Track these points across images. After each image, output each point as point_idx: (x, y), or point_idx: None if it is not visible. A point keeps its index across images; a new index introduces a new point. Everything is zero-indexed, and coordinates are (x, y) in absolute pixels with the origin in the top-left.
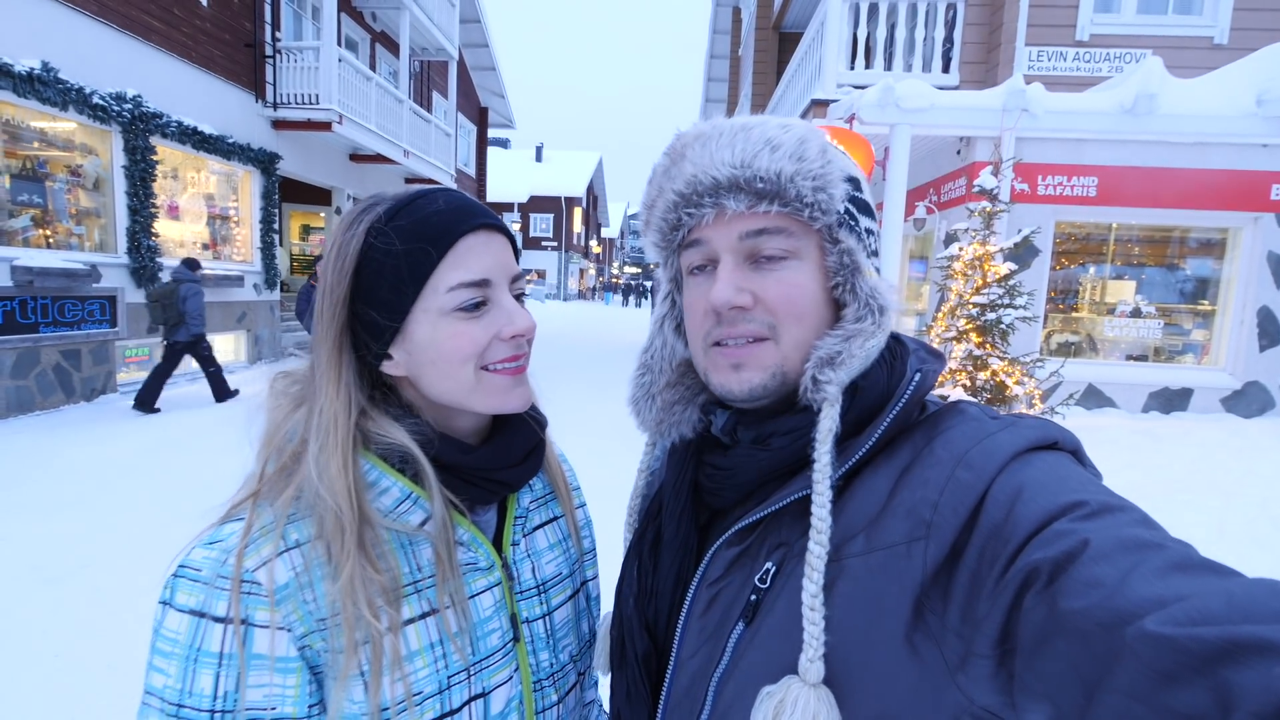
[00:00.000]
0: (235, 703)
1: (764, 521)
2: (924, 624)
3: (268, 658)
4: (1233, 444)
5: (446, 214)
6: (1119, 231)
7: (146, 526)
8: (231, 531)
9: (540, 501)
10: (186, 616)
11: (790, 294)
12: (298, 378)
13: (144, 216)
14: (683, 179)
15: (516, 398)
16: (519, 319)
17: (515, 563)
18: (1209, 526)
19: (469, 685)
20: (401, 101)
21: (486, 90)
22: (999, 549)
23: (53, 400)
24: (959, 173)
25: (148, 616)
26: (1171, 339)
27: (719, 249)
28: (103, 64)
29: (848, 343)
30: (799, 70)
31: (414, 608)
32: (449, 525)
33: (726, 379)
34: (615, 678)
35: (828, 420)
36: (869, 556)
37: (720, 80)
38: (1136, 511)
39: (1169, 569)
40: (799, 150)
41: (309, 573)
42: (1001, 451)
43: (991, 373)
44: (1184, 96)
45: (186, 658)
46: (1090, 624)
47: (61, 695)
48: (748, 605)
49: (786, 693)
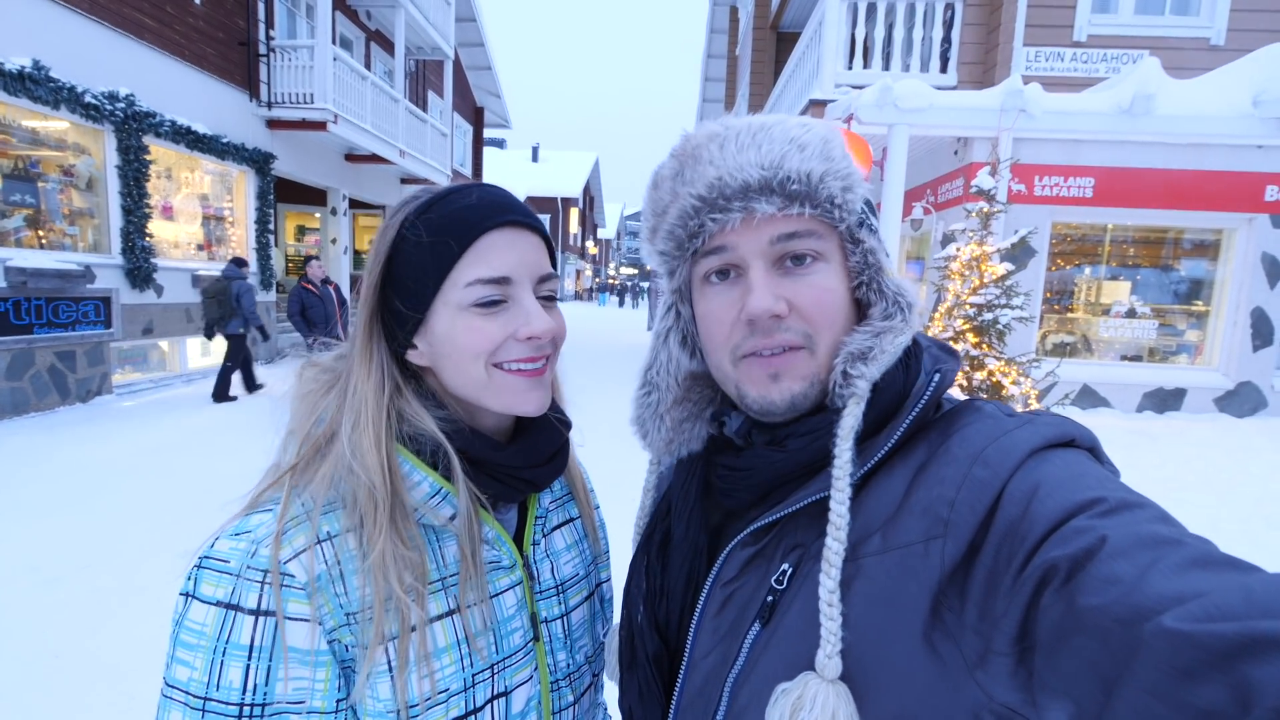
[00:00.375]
0: (265, 696)
1: (780, 522)
2: (942, 622)
3: (300, 651)
4: (1226, 443)
5: (475, 209)
6: (1115, 232)
7: (143, 527)
8: (260, 522)
9: (559, 502)
10: (214, 608)
11: (823, 299)
12: (326, 367)
13: (138, 217)
14: (703, 182)
15: (530, 401)
16: (537, 321)
17: (536, 562)
18: (1203, 525)
19: (491, 684)
20: (397, 101)
21: (482, 90)
22: (1016, 546)
23: (48, 401)
24: (956, 173)
25: (146, 616)
26: (1166, 339)
27: (747, 255)
28: (95, 62)
29: (879, 339)
30: (797, 70)
31: (440, 605)
32: (475, 519)
33: (766, 390)
34: (625, 678)
35: (851, 417)
36: (886, 556)
37: (717, 80)
38: (1155, 508)
39: (1187, 565)
40: (825, 150)
41: (340, 565)
42: (1018, 449)
43: (988, 373)
44: (1181, 97)
45: (214, 650)
46: (1109, 621)
47: (61, 695)
48: (764, 606)
49: (804, 689)
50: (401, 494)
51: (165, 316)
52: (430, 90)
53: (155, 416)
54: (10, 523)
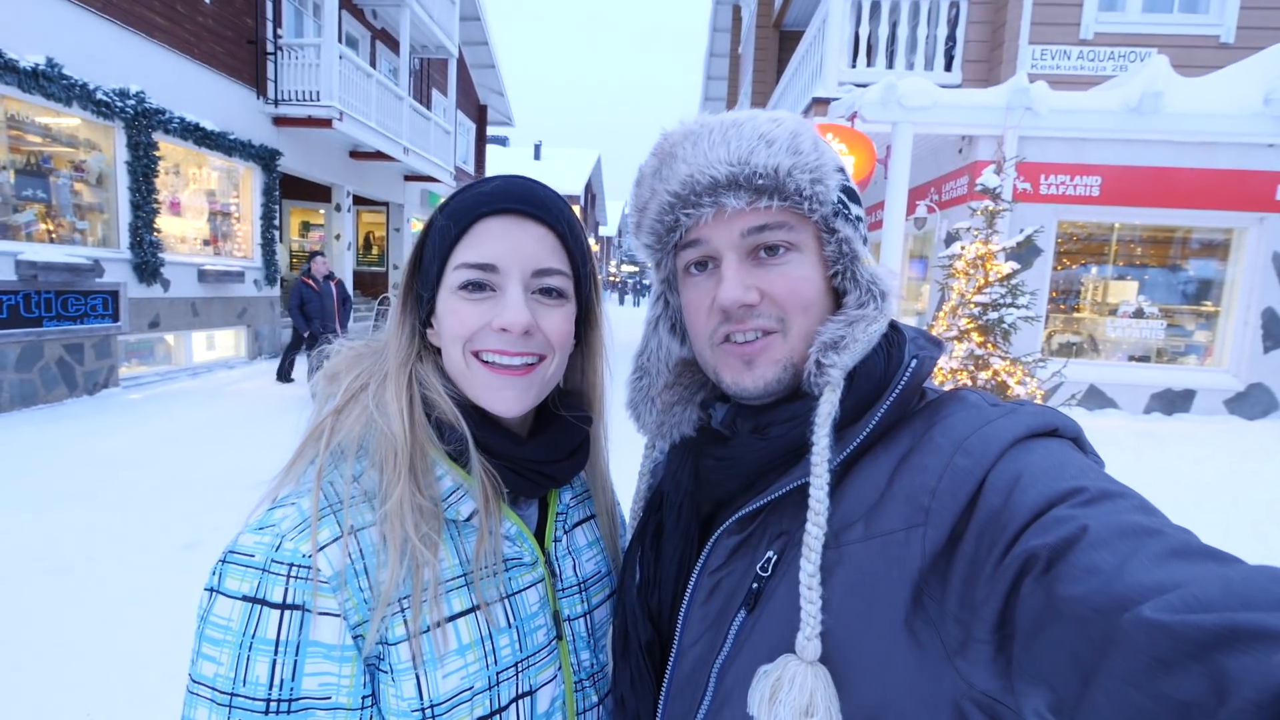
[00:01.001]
0: (292, 691)
1: (765, 510)
2: (923, 610)
3: (325, 645)
4: (1237, 446)
5: (482, 195)
6: (1122, 231)
7: (149, 519)
8: (284, 516)
9: (579, 499)
10: (239, 603)
11: (796, 287)
12: (359, 349)
13: (146, 212)
14: (677, 179)
15: (502, 400)
16: (509, 312)
17: (558, 559)
18: (1214, 529)
19: (516, 682)
20: (401, 99)
21: (486, 88)
22: (997, 535)
23: (56, 393)
24: (961, 171)
25: (153, 605)
26: (1174, 340)
27: (720, 247)
28: (106, 60)
29: (851, 327)
30: (800, 68)
31: (463, 601)
32: (494, 505)
33: (740, 376)
34: (619, 666)
35: (827, 404)
36: (868, 543)
37: (720, 79)
38: (1136, 498)
39: (1167, 555)
40: (793, 144)
41: (364, 559)
42: (1000, 438)
43: (993, 372)
44: (1190, 95)
45: (240, 645)
46: (1087, 610)
47: (67, 685)
48: (749, 593)
49: (784, 670)
50: (423, 444)
51: (172, 310)
52: (434, 88)
53: (162, 409)
54: (19, 513)
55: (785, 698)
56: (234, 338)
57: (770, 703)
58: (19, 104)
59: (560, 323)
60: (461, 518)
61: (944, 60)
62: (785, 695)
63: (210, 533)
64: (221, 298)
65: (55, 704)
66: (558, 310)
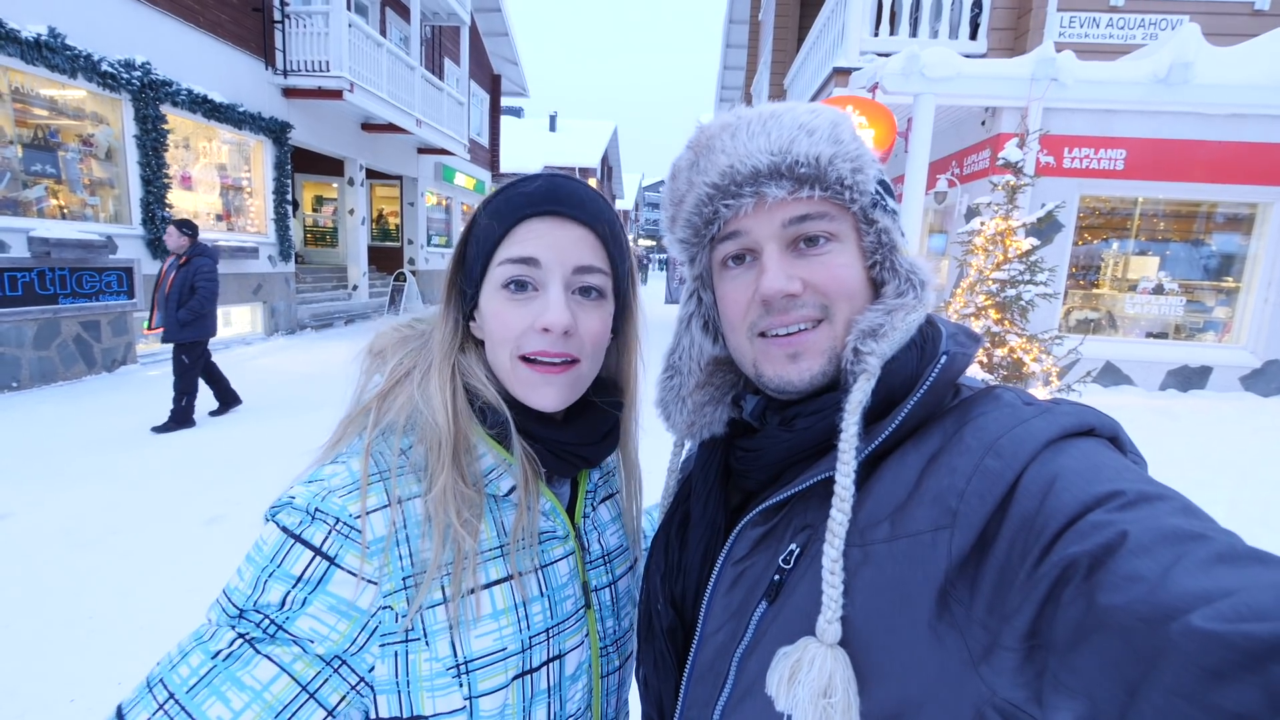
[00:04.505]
0: (287, 621)
1: (789, 502)
2: (948, 613)
3: (337, 598)
4: (1251, 422)
5: (527, 196)
6: (1145, 205)
7: (171, 494)
8: (334, 473)
9: (605, 476)
10: (281, 533)
11: (839, 274)
12: (404, 331)
13: (157, 187)
14: (716, 170)
15: (543, 396)
16: (552, 311)
17: (586, 534)
18: (1220, 505)
19: (547, 646)
20: (413, 69)
21: (499, 57)
22: (1031, 541)
23: (74, 371)
24: (983, 145)
25: (176, 578)
26: (1193, 316)
27: (760, 238)
28: (110, 30)
29: (890, 316)
30: (821, 36)
31: (499, 570)
32: (534, 484)
33: (783, 370)
34: (643, 648)
35: (859, 392)
36: (894, 543)
37: (739, 47)
38: (1178, 499)
39: (1213, 561)
40: (834, 133)
41: (407, 529)
42: (1033, 439)
43: (1009, 349)
44: (1221, 65)
45: (264, 569)
46: (1132, 620)
47: (96, 656)
48: (771, 585)
49: (803, 652)
50: (466, 433)
51: None
52: (447, 58)
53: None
54: (43, 489)
55: (804, 678)
56: (250, 314)
57: (789, 683)
58: (23, 76)
59: (596, 325)
60: (501, 493)
61: (969, 28)
62: (804, 676)
63: (232, 507)
64: (236, 274)
65: (82, 674)
66: (595, 311)
